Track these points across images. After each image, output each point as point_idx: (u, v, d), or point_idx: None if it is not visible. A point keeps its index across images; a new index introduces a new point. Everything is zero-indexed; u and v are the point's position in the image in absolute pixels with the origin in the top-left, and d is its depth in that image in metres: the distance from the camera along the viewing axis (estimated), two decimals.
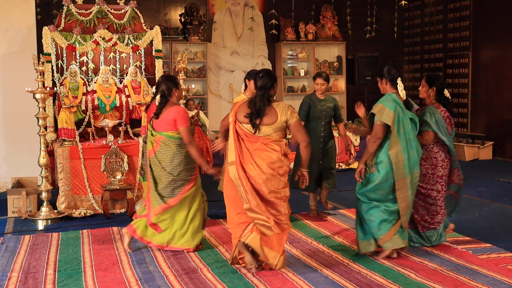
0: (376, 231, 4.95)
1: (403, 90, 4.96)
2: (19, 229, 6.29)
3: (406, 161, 4.86)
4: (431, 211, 5.31)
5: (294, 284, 4.47)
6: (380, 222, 4.92)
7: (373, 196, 4.98)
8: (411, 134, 4.92)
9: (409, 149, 4.89)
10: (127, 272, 4.80)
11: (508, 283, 4.43)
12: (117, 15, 7.54)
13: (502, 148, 10.74)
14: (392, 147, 4.86)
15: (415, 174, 4.94)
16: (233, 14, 12.12)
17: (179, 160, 5.17)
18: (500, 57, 10.79)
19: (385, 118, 4.84)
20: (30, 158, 7.93)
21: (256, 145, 4.64)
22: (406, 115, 4.92)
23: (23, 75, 8.00)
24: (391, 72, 4.99)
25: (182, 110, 5.18)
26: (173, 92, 5.22)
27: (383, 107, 4.88)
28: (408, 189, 4.90)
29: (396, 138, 4.86)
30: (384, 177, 4.90)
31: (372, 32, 11.42)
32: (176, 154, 5.17)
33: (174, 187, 5.20)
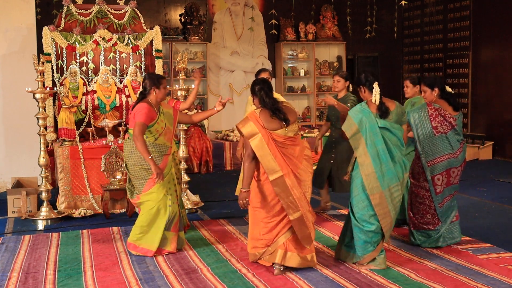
0: (360, 250, 4.78)
1: (377, 95, 4.70)
2: (19, 229, 6.29)
3: (378, 173, 4.63)
4: (420, 211, 5.32)
5: (294, 284, 4.47)
6: (364, 243, 4.76)
7: (356, 209, 4.76)
8: (382, 145, 4.64)
9: (382, 161, 4.64)
10: (127, 272, 4.80)
11: (508, 283, 4.43)
12: (117, 15, 7.54)
13: (502, 148, 10.74)
14: (361, 159, 4.70)
15: (393, 188, 4.67)
16: (233, 14, 12.12)
17: (135, 159, 5.16)
18: (500, 57, 10.79)
19: (346, 129, 4.73)
20: (30, 158, 7.93)
21: (298, 148, 4.64)
22: (375, 124, 4.67)
23: (23, 75, 8.00)
24: (368, 78, 4.79)
25: (143, 106, 5.10)
26: (151, 91, 5.16)
27: (349, 117, 4.76)
28: (388, 204, 4.67)
29: (364, 149, 4.67)
30: (360, 187, 4.72)
31: (372, 32, 11.42)
32: (132, 154, 5.18)
33: (136, 184, 5.20)
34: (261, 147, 4.49)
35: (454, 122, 5.27)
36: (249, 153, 4.57)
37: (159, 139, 5.19)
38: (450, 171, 5.27)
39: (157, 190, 5.16)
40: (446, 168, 5.25)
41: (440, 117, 5.23)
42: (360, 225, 4.72)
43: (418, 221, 5.34)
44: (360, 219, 4.73)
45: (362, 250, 4.79)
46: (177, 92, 7.05)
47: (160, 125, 5.19)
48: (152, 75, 5.36)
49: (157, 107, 5.23)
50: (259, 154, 4.50)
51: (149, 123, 5.10)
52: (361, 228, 4.72)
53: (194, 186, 7.39)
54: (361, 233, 4.74)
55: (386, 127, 4.69)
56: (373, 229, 4.69)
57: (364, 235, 4.72)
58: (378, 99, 4.70)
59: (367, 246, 4.76)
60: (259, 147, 4.49)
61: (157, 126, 5.17)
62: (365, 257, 4.78)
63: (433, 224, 5.30)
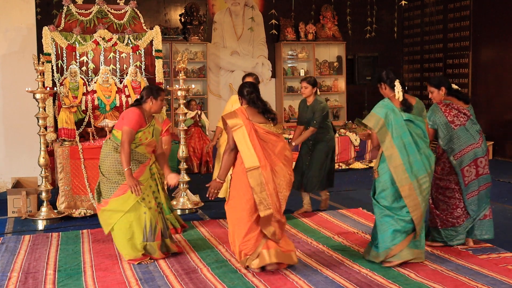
0: (389, 240, 4.78)
1: (400, 92, 4.82)
2: (19, 229, 6.29)
3: (406, 165, 4.73)
4: (450, 205, 5.29)
5: (294, 284, 4.47)
6: (393, 232, 4.78)
7: (385, 202, 4.84)
8: (409, 138, 4.76)
9: (409, 153, 4.74)
10: (127, 272, 4.80)
11: (508, 283, 4.43)
12: (117, 15, 7.54)
13: (502, 148, 10.74)
14: (387, 151, 4.77)
15: (422, 179, 4.76)
16: (233, 14, 12.12)
17: (110, 161, 5.04)
18: (500, 57, 10.79)
19: (373, 125, 4.79)
20: (30, 158, 7.93)
21: (279, 146, 4.66)
22: (400, 118, 4.78)
23: (23, 75, 8.00)
24: (389, 76, 4.89)
25: (135, 111, 5.01)
26: (148, 100, 5.07)
27: (373, 114, 4.85)
28: (418, 195, 4.74)
29: (391, 142, 4.76)
30: (389, 182, 4.79)
31: (372, 32, 11.42)
32: (109, 155, 5.06)
33: (107, 188, 5.04)
34: (242, 138, 4.57)
35: (469, 113, 5.37)
36: (230, 144, 4.68)
37: (139, 147, 5.07)
38: (477, 161, 5.30)
39: (128, 197, 4.99)
40: (473, 158, 5.29)
41: (454, 110, 5.31)
42: (393, 213, 4.78)
43: (446, 217, 5.30)
44: (393, 208, 4.79)
45: (389, 241, 4.77)
46: (177, 92, 7.05)
47: (145, 135, 5.06)
48: (153, 86, 5.28)
49: (149, 118, 5.12)
50: (239, 144, 4.57)
51: (136, 130, 4.98)
52: (393, 216, 4.78)
53: (194, 186, 7.38)
54: (393, 220, 4.78)
55: (410, 119, 4.81)
56: (407, 218, 4.76)
57: (396, 223, 4.77)
58: (401, 96, 4.82)
59: (397, 235, 4.77)
60: (240, 138, 4.58)
61: (142, 135, 5.04)
62: (393, 248, 4.77)
63: (462, 219, 5.28)
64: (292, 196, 7.59)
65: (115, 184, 5.03)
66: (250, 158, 4.53)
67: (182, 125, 7.11)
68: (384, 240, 4.81)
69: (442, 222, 5.33)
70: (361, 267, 4.83)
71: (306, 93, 6.56)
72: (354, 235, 5.80)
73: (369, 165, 10.07)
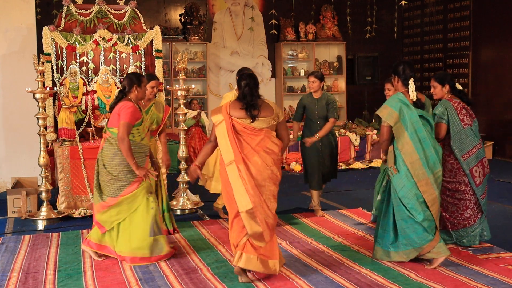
0: (418, 240, 4.76)
1: (414, 91, 4.82)
2: (19, 229, 6.29)
3: (423, 159, 4.75)
4: (460, 207, 5.27)
5: (294, 284, 4.47)
6: (422, 232, 4.76)
7: (407, 201, 4.78)
8: (424, 132, 4.78)
9: (425, 147, 4.77)
10: (127, 272, 4.80)
11: (508, 283, 4.43)
12: (117, 15, 7.54)
13: (502, 148, 10.74)
14: (403, 147, 4.78)
15: (437, 173, 4.81)
16: (233, 14, 12.12)
17: (119, 160, 4.99)
18: (500, 57, 10.79)
19: (387, 118, 4.78)
20: (30, 158, 7.92)
21: (258, 138, 4.53)
22: (414, 113, 4.79)
23: (23, 75, 7.99)
24: (405, 72, 4.89)
25: (128, 105, 4.98)
26: (133, 89, 5.06)
27: (386, 107, 4.84)
28: (435, 189, 4.78)
29: (407, 138, 4.77)
30: (405, 178, 4.77)
31: (372, 32, 11.42)
32: (117, 154, 5.00)
33: (115, 187, 5.01)
34: (222, 132, 4.55)
35: (473, 114, 5.40)
36: (211, 136, 4.71)
37: (144, 139, 5.12)
38: (482, 161, 5.33)
39: (138, 193, 5.03)
40: (479, 159, 5.30)
41: (464, 110, 5.32)
42: (413, 216, 4.76)
43: (457, 219, 5.28)
44: (413, 209, 4.76)
45: (421, 241, 4.76)
46: (177, 92, 7.05)
47: (145, 125, 5.14)
48: (134, 73, 5.25)
49: (145, 106, 5.21)
50: (219, 138, 4.57)
51: (134, 123, 4.99)
52: (415, 219, 4.76)
53: (194, 186, 7.37)
54: (416, 224, 4.76)
55: (423, 115, 4.85)
56: (426, 217, 4.74)
57: (420, 225, 4.76)
58: (415, 96, 4.83)
59: (426, 235, 4.76)
60: (220, 132, 4.57)
61: (143, 126, 5.11)
62: (424, 247, 4.77)
63: (473, 219, 5.27)
64: (294, 196, 7.60)
65: (125, 182, 5.02)
66: (227, 153, 4.50)
67: (182, 125, 7.11)
68: (411, 240, 4.78)
69: (452, 224, 5.31)
70: (361, 267, 4.82)
71: (314, 87, 6.48)
72: (354, 235, 5.80)
73: (369, 165, 10.07)
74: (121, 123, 4.93)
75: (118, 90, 5.19)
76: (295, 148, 10.03)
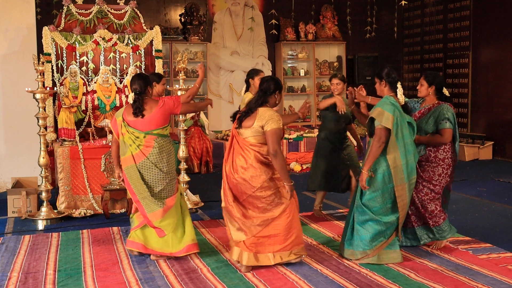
0: (367, 243, 4.83)
1: (403, 95, 4.84)
2: (19, 229, 6.29)
3: (404, 166, 4.76)
4: (438, 205, 5.27)
5: (294, 284, 4.47)
6: (375, 234, 4.82)
7: (373, 204, 4.81)
8: (409, 139, 4.82)
9: (407, 154, 4.78)
10: (127, 272, 4.80)
11: (508, 283, 4.43)
12: (117, 15, 7.54)
13: (502, 148, 10.73)
14: (390, 152, 4.75)
15: (412, 180, 4.85)
16: (233, 14, 12.12)
17: (174, 159, 5.14)
18: (500, 57, 10.79)
19: (385, 122, 4.73)
20: (30, 158, 7.92)
21: (238, 145, 4.73)
22: (404, 119, 4.81)
23: (23, 75, 7.99)
24: (391, 76, 4.88)
25: (165, 97, 5.14)
26: (147, 90, 5.03)
27: (382, 110, 4.78)
28: (407, 196, 4.83)
29: (394, 143, 4.74)
30: (382, 182, 4.77)
31: (372, 32, 11.42)
32: (171, 153, 5.08)
33: (171, 185, 5.05)
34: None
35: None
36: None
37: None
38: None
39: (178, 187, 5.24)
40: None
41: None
42: (378, 217, 4.79)
43: (437, 217, 5.25)
44: (377, 213, 4.80)
45: (371, 243, 4.81)
46: (177, 92, 7.04)
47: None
48: (140, 75, 5.16)
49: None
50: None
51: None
52: (378, 220, 4.79)
53: (194, 186, 7.38)
54: (377, 224, 4.80)
55: (409, 121, 4.87)
56: (391, 220, 4.81)
57: (380, 226, 4.80)
58: (404, 100, 4.85)
59: (378, 237, 4.82)
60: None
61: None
62: (373, 249, 4.82)
63: (445, 215, 5.30)
64: None
65: (175, 179, 5.14)
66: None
67: (182, 125, 7.11)
68: (362, 242, 4.85)
69: (434, 221, 5.28)
70: (361, 267, 4.82)
71: (339, 89, 6.33)
72: None
73: None
74: (182, 106, 5.09)
75: (134, 94, 4.95)
76: (295, 148, 10.03)
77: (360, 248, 4.88)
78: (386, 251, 4.88)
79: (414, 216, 5.32)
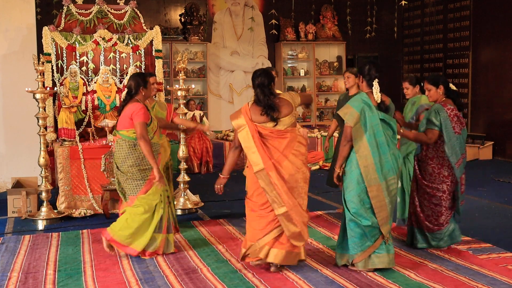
0: (356, 246, 4.69)
1: (378, 92, 4.68)
2: (19, 229, 6.29)
3: (377, 164, 4.60)
4: (435, 212, 5.22)
5: (294, 284, 4.47)
6: (360, 238, 4.67)
7: (352, 205, 4.67)
8: (383, 137, 4.63)
9: (381, 152, 4.62)
10: (127, 272, 4.80)
11: (508, 283, 4.43)
12: (117, 15, 7.54)
13: (502, 148, 10.74)
14: (359, 150, 4.64)
15: (390, 180, 4.65)
16: (233, 14, 12.12)
17: (132, 161, 5.06)
18: (500, 57, 10.79)
19: (348, 118, 4.64)
20: (30, 158, 7.92)
21: (285, 140, 4.58)
22: (376, 116, 4.65)
23: (23, 75, 8.00)
24: (370, 72, 4.75)
25: (139, 106, 5.05)
26: (140, 90, 5.11)
27: (348, 106, 4.71)
28: (385, 197, 4.63)
29: (364, 140, 4.63)
30: (355, 181, 4.66)
31: (372, 32, 11.42)
32: (129, 155, 5.08)
33: (132, 186, 5.11)
34: (246, 139, 4.57)
35: (464, 121, 5.27)
36: (235, 142, 4.71)
37: (154, 137, 5.19)
38: (464, 172, 5.31)
39: (155, 191, 5.12)
40: (464, 166, 5.27)
41: (456, 117, 5.18)
42: (357, 220, 4.65)
43: (432, 223, 5.24)
44: (356, 214, 4.66)
45: (358, 247, 4.68)
46: (177, 92, 7.04)
47: (154, 123, 5.21)
48: (138, 74, 5.35)
49: (149, 105, 5.28)
50: (244, 146, 4.61)
51: (147, 122, 5.08)
52: (358, 223, 4.66)
53: (194, 186, 7.39)
54: (358, 227, 4.67)
55: (385, 119, 4.71)
56: (370, 223, 4.63)
57: (361, 229, 4.66)
58: (379, 97, 4.70)
59: (365, 240, 4.67)
60: (245, 139, 4.59)
61: (152, 125, 5.18)
62: (359, 254, 4.68)
63: (444, 225, 5.25)
64: None
65: (141, 181, 5.10)
66: (255, 161, 4.55)
67: (182, 125, 7.10)
68: (351, 245, 4.73)
69: (427, 227, 5.26)
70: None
71: (350, 82, 6.34)
72: None
73: None
74: (137, 124, 5.00)
75: (125, 92, 5.22)
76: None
77: (349, 251, 4.76)
78: (376, 255, 4.71)
79: (414, 217, 5.33)
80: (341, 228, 4.87)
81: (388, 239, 4.74)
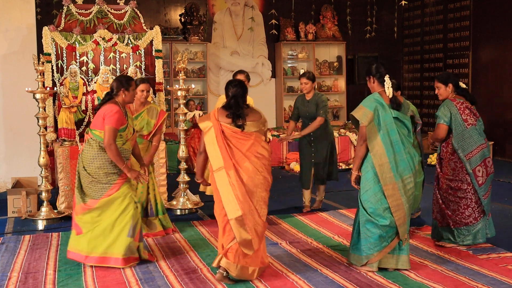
0: (372, 247, 4.68)
1: (390, 88, 4.68)
2: (19, 229, 6.29)
3: (392, 163, 4.58)
4: (461, 205, 5.26)
5: (294, 284, 4.47)
6: (378, 238, 4.64)
7: (368, 205, 4.66)
8: (397, 135, 4.63)
9: (396, 151, 4.61)
10: (127, 272, 4.80)
11: (508, 283, 4.43)
12: (117, 15, 7.54)
13: (502, 148, 10.73)
14: (374, 149, 4.63)
15: (407, 179, 4.64)
16: (233, 14, 12.12)
17: (99, 163, 4.84)
18: (500, 57, 10.79)
19: (362, 118, 4.66)
20: (30, 158, 7.93)
21: (249, 142, 4.50)
22: (389, 114, 4.65)
23: (23, 75, 8.00)
24: (380, 70, 4.75)
25: (114, 108, 4.82)
26: (120, 92, 4.92)
27: (361, 107, 4.72)
28: (402, 195, 4.61)
29: (378, 139, 4.63)
30: (371, 181, 4.66)
31: (372, 32, 11.42)
32: (97, 156, 4.85)
33: (96, 189, 4.86)
34: (211, 138, 4.51)
35: (477, 113, 5.36)
36: (200, 146, 4.66)
37: (126, 143, 4.97)
38: (486, 161, 5.30)
39: (122, 194, 4.89)
40: (482, 158, 5.28)
41: (467, 109, 5.28)
42: (375, 220, 4.62)
43: (458, 217, 5.26)
44: (374, 214, 4.64)
45: (375, 247, 4.65)
46: (177, 92, 7.05)
47: (129, 130, 4.98)
48: (123, 76, 5.20)
49: (124, 111, 4.97)
50: (207, 144, 4.52)
51: (119, 128, 4.84)
52: (376, 223, 4.63)
53: (194, 186, 7.37)
54: (375, 227, 4.63)
55: (399, 117, 4.70)
56: (388, 223, 4.61)
57: (379, 229, 4.63)
58: (391, 92, 4.70)
59: (381, 241, 4.65)
60: (209, 139, 4.52)
61: (127, 131, 4.95)
62: (376, 254, 4.66)
63: (474, 218, 5.26)
64: (294, 196, 7.60)
65: (106, 184, 4.87)
66: (216, 159, 4.46)
67: (182, 125, 7.11)
68: (366, 246, 4.69)
69: (454, 222, 5.30)
70: (361, 267, 4.82)
71: (307, 88, 6.60)
72: None
73: None
74: (106, 128, 4.77)
75: (105, 92, 5.05)
76: (295, 147, 10.02)
77: (364, 253, 4.72)
78: (391, 256, 4.71)
79: (439, 215, 5.39)
80: (355, 229, 4.83)
81: (406, 240, 4.71)
